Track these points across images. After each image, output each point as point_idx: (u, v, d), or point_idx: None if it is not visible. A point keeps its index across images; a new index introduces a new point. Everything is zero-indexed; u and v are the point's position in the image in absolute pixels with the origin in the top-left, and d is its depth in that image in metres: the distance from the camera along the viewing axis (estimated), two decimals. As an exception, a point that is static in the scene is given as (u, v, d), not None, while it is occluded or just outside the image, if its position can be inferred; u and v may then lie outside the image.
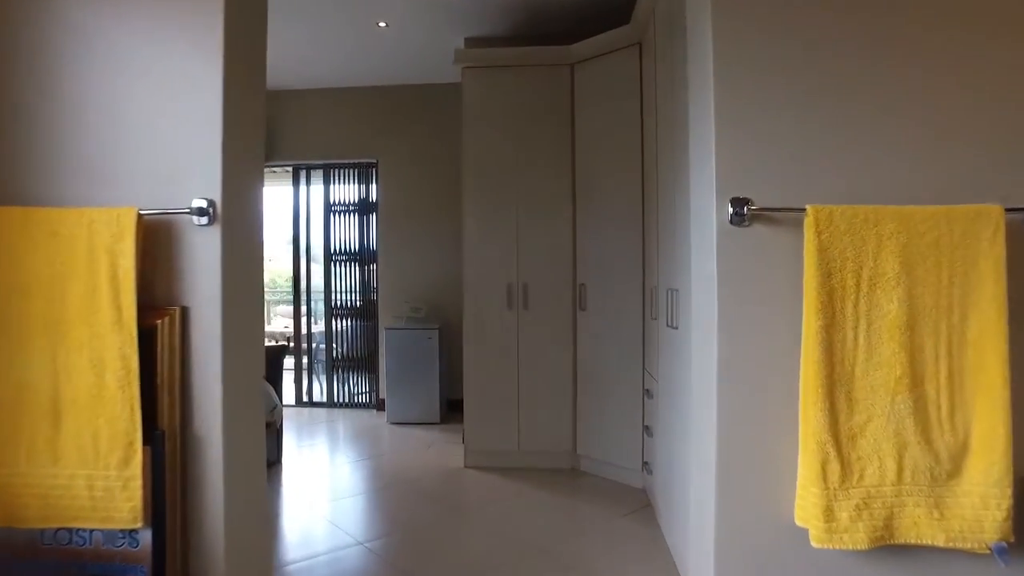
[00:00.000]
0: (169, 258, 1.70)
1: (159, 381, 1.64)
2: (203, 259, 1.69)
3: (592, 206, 3.76)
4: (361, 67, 5.17)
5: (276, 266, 7.48)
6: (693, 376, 1.95)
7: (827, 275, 1.49)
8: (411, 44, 4.68)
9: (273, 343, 4.77)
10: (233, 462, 1.73)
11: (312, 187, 5.92)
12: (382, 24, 4.29)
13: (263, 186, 2.05)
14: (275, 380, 3.98)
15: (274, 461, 4.03)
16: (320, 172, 5.81)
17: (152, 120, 1.71)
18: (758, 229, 1.59)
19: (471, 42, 4.43)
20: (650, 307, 3.16)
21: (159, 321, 1.64)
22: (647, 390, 3.29)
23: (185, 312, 1.69)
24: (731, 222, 1.59)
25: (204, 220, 1.67)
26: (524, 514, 3.19)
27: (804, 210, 1.52)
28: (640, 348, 3.50)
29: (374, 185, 5.72)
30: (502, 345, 3.90)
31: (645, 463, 3.38)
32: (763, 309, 1.60)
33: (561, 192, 3.86)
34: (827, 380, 1.48)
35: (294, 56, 4.89)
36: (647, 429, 3.28)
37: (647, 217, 3.35)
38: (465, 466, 3.96)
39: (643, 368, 3.47)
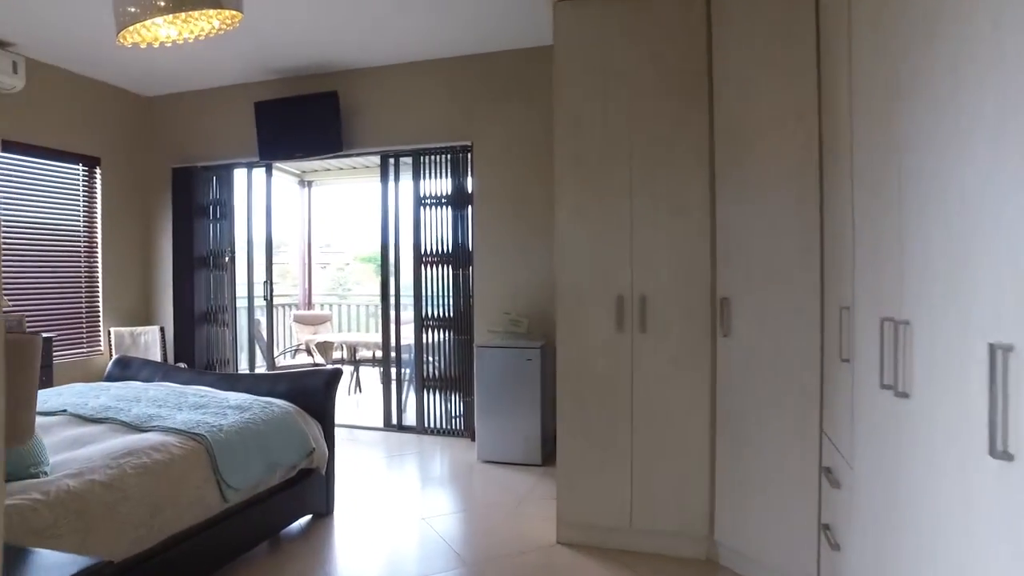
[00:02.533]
0: None
1: None
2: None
3: (740, 191, 2.59)
4: (445, 31, 4.31)
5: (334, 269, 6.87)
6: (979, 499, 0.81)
7: None
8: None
9: (320, 363, 4.03)
10: None
11: (401, 180, 5.16)
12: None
13: None
14: (323, 412, 3.19)
15: (323, 513, 3.25)
16: (409, 160, 5.03)
17: None
18: None
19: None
20: (837, 342, 1.95)
21: None
22: (827, 470, 2.08)
23: None
24: None
25: None
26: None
27: None
28: (817, 403, 2.28)
29: (469, 175, 4.84)
30: (608, 379, 2.84)
31: (824, 581, 2.17)
32: None
33: (693, 171, 2.73)
34: None
35: (367, 25, 4.13)
36: (826, 531, 2.07)
37: (832, 206, 2.14)
38: (557, 542, 2.94)
39: (820, 434, 2.25)
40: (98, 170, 5.21)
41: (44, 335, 4.46)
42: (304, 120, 4.93)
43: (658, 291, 2.77)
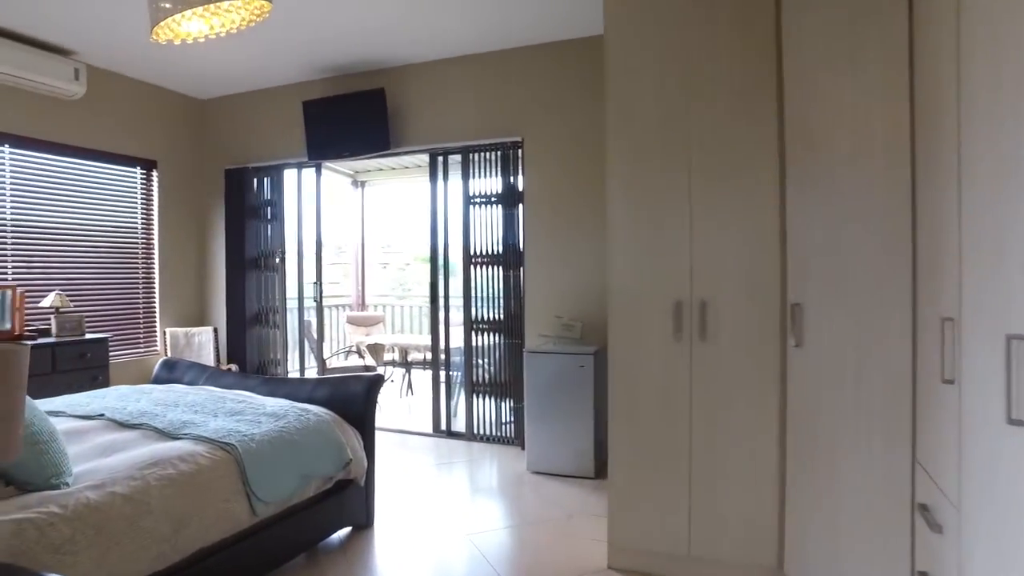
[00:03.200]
0: None
1: None
2: None
3: (815, 186, 2.29)
4: (494, 23, 4.13)
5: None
6: None
7: None
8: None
9: (370, 366, 3.90)
10: None
11: (450, 179, 5.01)
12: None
13: None
14: (362, 420, 3.06)
15: (363, 525, 3.12)
16: (458, 158, 4.88)
17: None
18: None
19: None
20: (938, 360, 1.65)
21: None
22: (923, 507, 1.78)
23: None
24: None
25: None
26: None
27: None
28: (908, 428, 1.98)
29: (520, 172, 4.65)
30: (664, 391, 2.59)
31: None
32: None
33: (761, 165, 2.45)
34: None
35: (414, 20, 4.00)
36: (923, 577, 1.77)
37: (928, 203, 1.84)
38: (609, 566, 2.71)
39: (913, 464, 1.95)
40: (155, 173, 5.28)
41: (101, 335, 4.52)
42: (351, 118, 4.86)
43: (720, 296, 2.50)
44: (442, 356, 5.07)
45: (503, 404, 4.78)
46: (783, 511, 2.40)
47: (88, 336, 4.44)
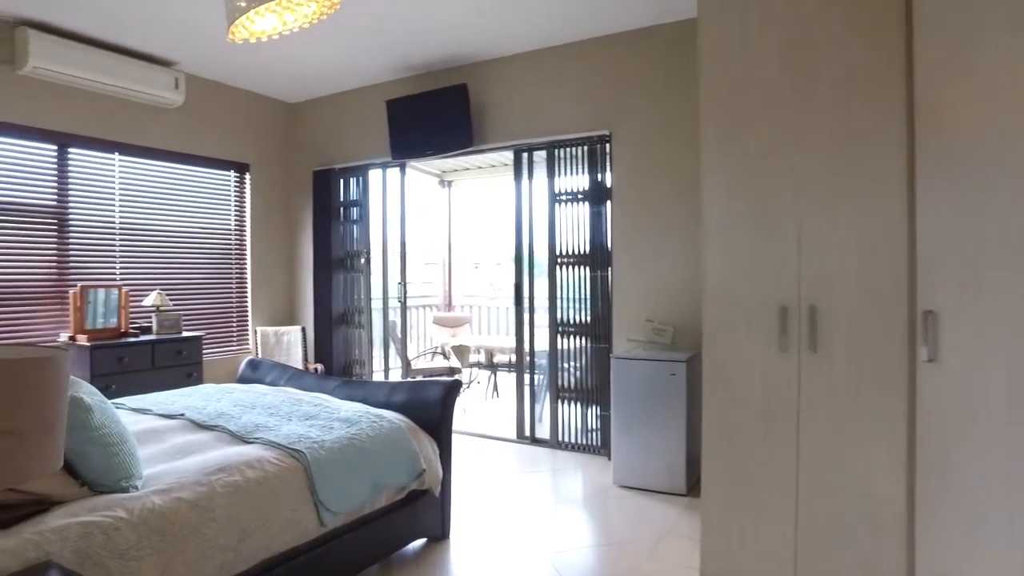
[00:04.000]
0: None
1: None
2: None
3: (954, 171, 1.94)
4: (580, 11, 3.92)
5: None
6: None
7: None
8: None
9: (455, 367, 3.78)
10: None
11: (535, 177, 4.84)
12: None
13: None
14: (438, 427, 2.93)
15: (439, 537, 2.99)
16: (543, 154, 4.70)
17: None
18: None
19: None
20: None
21: None
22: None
23: None
24: None
25: None
26: None
27: None
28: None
29: (608, 168, 4.41)
30: (767, 406, 2.29)
31: None
32: None
33: (885, 148, 2.11)
34: None
35: (496, 12, 3.86)
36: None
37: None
38: (702, 600, 2.44)
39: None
40: (247, 176, 5.44)
41: (195, 334, 4.68)
42: (433, 116, 4.79)
43: (833, 301, 2.18)
44: (527, 359, 4.91)
45: (589, 411, 4.56)
46: (912, 549, 2.05)
47: (184, 334, 4.60)
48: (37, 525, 1.69)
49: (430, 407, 2.97)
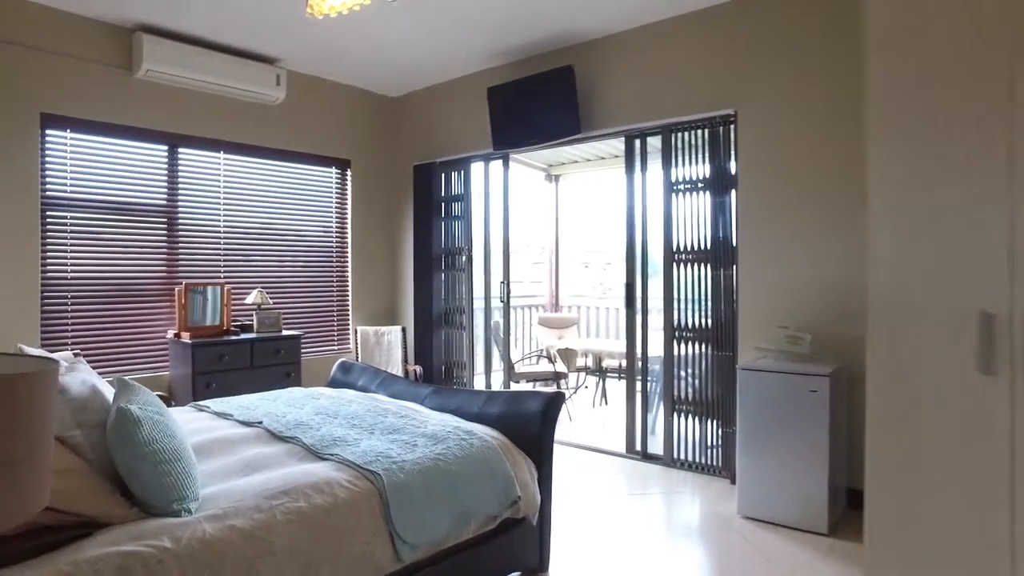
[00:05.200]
0: None
1: None
2: None
3: None
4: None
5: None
6: None
7: None
8: None
9: (561, 372, 3.40)
10: None
11: (649, 167, 4.37)
12: None
13: None
14: (538, 446, 2.57)
15: (536, 570, 2.63)
16: (658, 140, 4.22)
17: None
18: None
19: None
20: None
21: None
22: None
23: None
24: None
25: None
26: None
27: None
28: None
29: (732, 152, 3.87)
30: (963, 439, 1.73)
31: None
32: None
33: None
34: None
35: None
36: None
37: None
38: None
39: None
40: (348, 172, 5.34)
41: (294, 333, 4.60)
42: (537, 102, 4.43)
43: (1066, 306, 1.59)
44: (638, 366, 4.45)
45: (709, 426, 4.03)
46: None
47: (284, 333, 4.53)
48: (76, 553, 1.49)
49: (528, 421, 2.62)
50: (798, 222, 3.56)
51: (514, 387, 5.59)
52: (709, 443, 4.03)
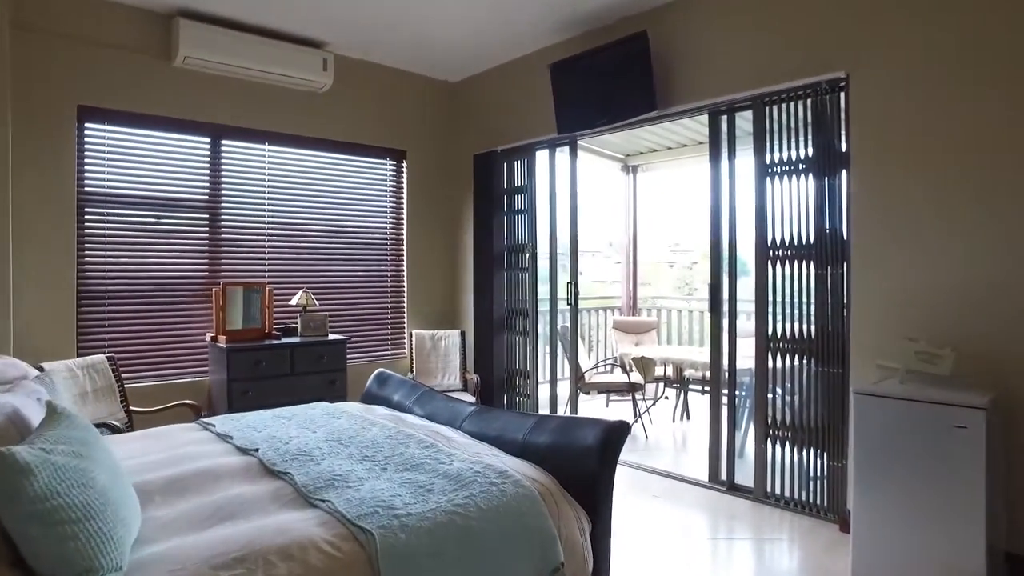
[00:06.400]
0: None
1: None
2: None
3: None
4: None
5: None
6: None
7: None
8: None
9: (636, 383, 2.83)
10: None
11: (739, 150, 3.72)
12: None
13: None
14: (593, 491, 2.03)
15: (588, 647, 2.09)
16: (748, 115, 3.56)
17: None
18: None
19: None
20: None
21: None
22: None
23: None
24: None
25: None
26: None
27: None
28: None
29: (842, 125, 3.17)
30: None
31: None
32: None
33: None
34: None
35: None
36: None
37: None
38: None
39: None
40: (404, 164, 4.96)
41: (340, 337, 4.25)
42: (606, 77, 3.88)
43: None
44: (724, 378, 3.81)
45: (812, 457, 3.35)
46: None
47: (330, 337, 4.19)
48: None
49: (582, 457, 2.08)
50: (934, 206, 2.82)
51: (582, 399, 5.04)
52: (811, 475, 3.35)
